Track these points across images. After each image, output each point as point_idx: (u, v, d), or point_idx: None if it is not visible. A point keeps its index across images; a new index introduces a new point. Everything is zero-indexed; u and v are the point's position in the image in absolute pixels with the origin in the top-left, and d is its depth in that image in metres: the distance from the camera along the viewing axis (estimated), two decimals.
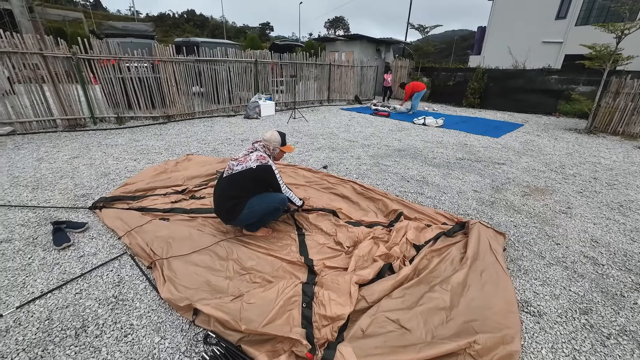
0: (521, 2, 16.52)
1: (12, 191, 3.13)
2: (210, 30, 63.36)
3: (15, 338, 1.50)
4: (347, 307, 1.60)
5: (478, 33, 23.11)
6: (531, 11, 16.26)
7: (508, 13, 17.15)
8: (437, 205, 3.11)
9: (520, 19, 16.65)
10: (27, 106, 5.47)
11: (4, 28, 20.65)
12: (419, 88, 9.55)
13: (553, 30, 15.95)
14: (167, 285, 1.82)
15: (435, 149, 5.32)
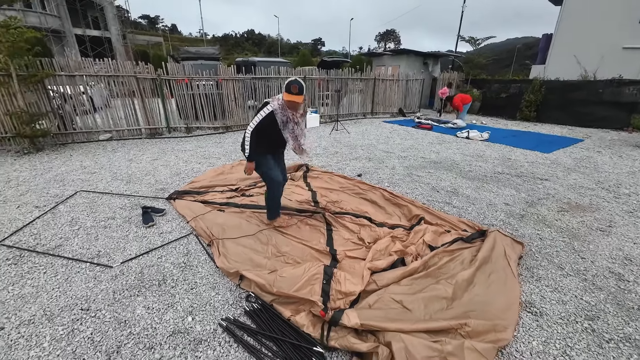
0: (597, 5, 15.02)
1: (112, 183, 4.06)
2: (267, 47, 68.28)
3: (121, 282, 2.13)
4: (358, 285, 1.94)
5: (542, 41, 21.41)
6: (609, 14, 14.67)
7: (580, 18, 15.69)
8: (463, 214, 3.25)
9: (595, 23, 15.10)
10: (122, 117, 6.81)
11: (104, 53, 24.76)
12: (466, 100, 9.41)
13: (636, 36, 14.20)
14: (221, 258, 2.35)
15: (474, 162, 5.31)
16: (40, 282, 2.12)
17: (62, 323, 1.78)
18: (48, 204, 3.37)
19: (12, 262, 2.34)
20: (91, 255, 2.45)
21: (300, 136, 2.56)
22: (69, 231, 2.81)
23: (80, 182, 4.09)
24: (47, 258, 2.39)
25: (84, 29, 26.05)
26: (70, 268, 2.28)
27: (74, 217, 3.08)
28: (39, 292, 2.02)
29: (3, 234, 2.73)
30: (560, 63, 14.98)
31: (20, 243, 2.60)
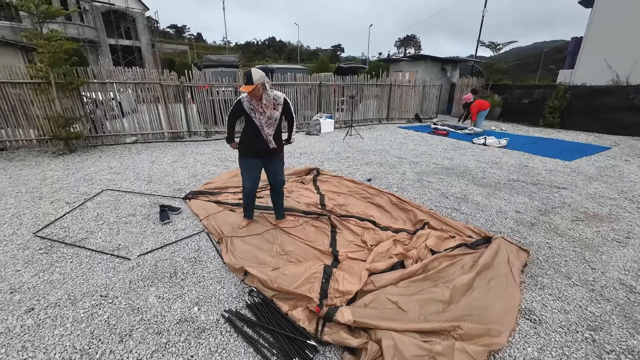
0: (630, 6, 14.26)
1: (135, 183, 4.35)
2: (287, 54, 69.71)
3: (137, 273, 2.31)
4: (355, 285, 2.00)
5: (571, 45, 20.52)
6: None
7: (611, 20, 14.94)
8: (470, 221, 3.22)
9: (627, 26, 14.33)
10: (146, 122, 7.23)
11: (134, 61, 26.27)
12: (484, 107, 9.24)
13: None
14: (228, 254, 2.48)
15: (488, 169, 5.21)
16: (66, 270, 2.34)
17: (84, 307, 1.96)
18: (77, 201, 3.67)
19: (44, 251, 2.58)
20: (112, 248, 2.65)
21: (265, 126, 2.59)
22: (94, 226, 3.05)
23: (107, 181, 4.40)
24: (74, 249, 2.62)
25: (117, 39, 27.79)
26: (93, 259, 2.49)
27: (99, 213, 3.33)
28: (65, 279, 2.23)
29: (37, 226, 3.02)
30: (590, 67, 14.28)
31: (51, 235, 2.86)
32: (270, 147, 2.69)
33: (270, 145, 2.69)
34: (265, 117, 2.57)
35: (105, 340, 1.71)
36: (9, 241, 2.74)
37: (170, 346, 1.67)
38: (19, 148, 6.13)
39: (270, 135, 2.65)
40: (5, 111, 5.81)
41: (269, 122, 2.59)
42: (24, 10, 5.16)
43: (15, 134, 6.05)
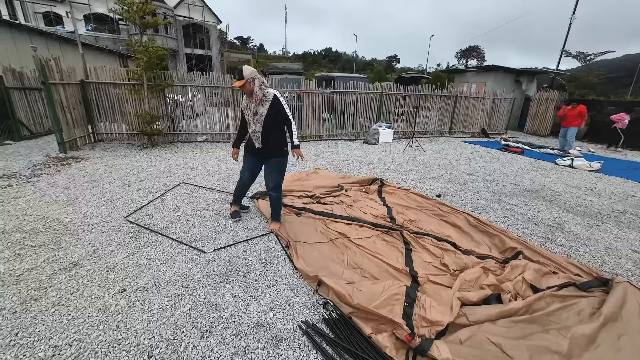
0: None
1: (206, 179, 4.60)
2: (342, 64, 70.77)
3: (213, 267, 2.35)
4: (446, 316, 1.75)
5: None
6: None
7: None
8: (572, 256, 2.73)
9: None
10: (216, 123, 7.76)
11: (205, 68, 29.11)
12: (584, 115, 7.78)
13: None
14: (300, 260, 2.41)
15: (582, 195, 4.47)
16: (152, 255, 2.48)
17: (167, 295, 2.03)
18: (158, 191, 3.98)
19: (132, 235, 2.80)
20: (189, 239, 2.77)
21: (252, 122, 2.65)
22: (174, 216, 3.25)
23: (182, 175, 4.74)
24: (157, 236, 2.80)
25: (192, 48, 30.92)
26: (174, 248, 2.62)
27: (177, 205, 3.56)
28: (150, 265, 2.36)
29: (127, 211, 3.31)
30: None
31: (138, 220, 3.10)
32: (256, 146, 2.71)
33: (256, 144, 2.70)
34: (251, 112, 2.60)
35: (187, 333, 1.72)
36: (106, 222, 3.03)
37: (249, 351, 1.62)
38: (113, 140, 6.99)
39: (257, 132, 2.65)
40: (106, 108, 6.69)
41: (254, 118, 2.62)
42: (130, 20, 5.92)
43: (112, 127, 6.93)
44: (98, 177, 4.45)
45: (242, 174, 3.01)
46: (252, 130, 2.69)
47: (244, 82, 2.51)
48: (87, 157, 5.52)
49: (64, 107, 5.74)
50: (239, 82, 2.52)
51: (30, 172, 4.52)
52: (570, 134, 7.85)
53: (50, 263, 2.32)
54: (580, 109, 7.51)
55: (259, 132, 2.68)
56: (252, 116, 2.65)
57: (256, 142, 2.72)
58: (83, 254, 2.46)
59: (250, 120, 2.67)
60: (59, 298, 1.96)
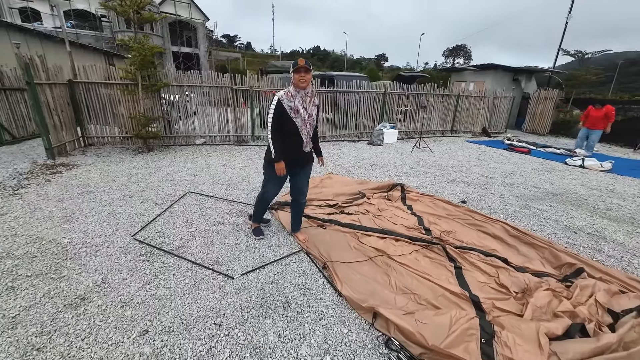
0: None
1: (214, 187, 4.25)
2: (331, 62, 70.42)
3: (245, 297, 2.04)
4: (537, 356, 1.51)
5: None
6: None
7: None
8: (627, 269, 2.55)
9: None
10: (215, 124, 7.35)
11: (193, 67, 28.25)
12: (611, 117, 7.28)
13: None
14: (344, 286, 2.13)
15: (607, 198, 4.36)
16: (171, 284, 2.15)
17: (199, 337, 1.71)
18: (164, 202, 3.61)
19: (144, 258, 2.45)
20: (211, 261, 2.45)
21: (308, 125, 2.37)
22: (187, 233, 2.91)
23: (187, 183, 4.37)
24: (174, 259, 2.46)
25: (179, 46, 30.00)
26: (195, 273, 2.29)
27: (188, 219, 3.21)
28: (172, 296, 2.03)
29: (133, 227, 2.95)
30: None
31: (148, 239, 2.75)
32: (307, 151, 2.47)
33: (308, 148, 2.46)
34: (307, 114, 2.32)
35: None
36: (111, 242, 2.67)
37: None
38: (105, 144, 6.50)
39: (309, 135, 2.43)
40: (96, 109, 6.20)
41: (309, 120, 2.37)
42: (124, 16, 5.46)
43: (103, 131, 6.43)
44: (94, 186, 4.04)
45: (270, 188, 2.60)
46: (305, 133, 2.40)
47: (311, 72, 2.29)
48: (78, 164, 5.06)
49: (50, 109, 5.24)
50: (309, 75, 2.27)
51: (16, 182, 4.06)
52: (595, 137, 7.47)
53: (52, 298, 1.97)
54: (607, 110, 7.18)
55: (310, 135, 2.45)
56: (308, 117, 2.37)
57: (307, 146, 2.46)
58: (90, 285, 2.10)
59: (304, 123, 2.36)
60: (68, 347, 1.61)
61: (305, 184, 2.67)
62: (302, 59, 2.25)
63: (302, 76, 2.24)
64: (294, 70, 2.25)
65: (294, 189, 2.68)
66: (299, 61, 2.23)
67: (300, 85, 2.27)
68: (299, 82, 2.25)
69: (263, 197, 2.68)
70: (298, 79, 2.25)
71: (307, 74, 2.25)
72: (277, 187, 2.60)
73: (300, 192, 2.67)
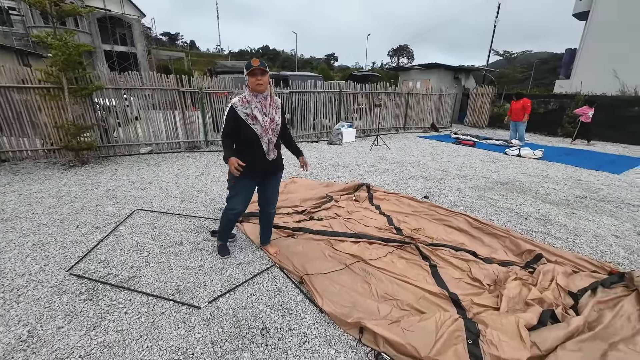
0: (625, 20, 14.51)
1: (167, 201, 3.82)
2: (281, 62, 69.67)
3: (217, 329, 1.80)
4: (522, 351, 1.54)
5: (567, 56, 21.01)
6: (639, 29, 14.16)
7: (607, 33, 15.21)
8: (574, 249, 2.82)
9: (624, 38, 14.58)
10: (162, 131, 6.69)
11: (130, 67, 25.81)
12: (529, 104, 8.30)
13: None
14: (325, 301, 2.00)
15: (544, 183, 4.87)
16: (123, 325, 1.81)
17: None
18: (107, 224, 3.13)
19: (86, 297, 2.05)
20: (171, 290, 2.14)
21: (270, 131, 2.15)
22: (139, 259, 2.52)
23: (133, 199, 3.86)
24: (124, 293, 2.10)
25: (112, 45, 27.13)
26: (152, 307, 1.97)
27: (138, 242, 2.80)
28: (125, 341, 1.71)
29: (69, 260, 2.47)
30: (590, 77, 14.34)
31: (90, 272, 2.32)
32: (270, 159, 2.22)
33: (272, 156, 2.22)
34: (268, 119, 2.13)
35: None
36: (38, 282, 2.19)
37: None
38: (24, 159, 5.50)
39: (272, 142, 2.20)
40: (9, 118, 5.21)
41: (271, 126, 2.16)
42: (38, 8, 4.64)
43: (20, 143, 5.43)
44: (11, 213, 3.35)
45: (236, 204, 2.34)
46: (266, 141, 2.17)
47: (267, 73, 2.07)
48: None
49: None
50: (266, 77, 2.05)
51: None
52: (522, 128, 8.40)
53: None
54: (524, 102, 8.24)
55: (273, 142, 2.22)
56: (269, 123, 2.14)
57: (270, 154, 2.22)
58: (12, 342, 1.68)
59: (264, 130, 2.13)
60: None
61: (274, 194, 2.48)
62: (257, 59, 2.04)
63: (259, 79, 2.03)
64: (248, 72, 2.02)
65: (262, 199, 2.48)
66: (252, 62, 2.02)
67: (257, 89, 2.06)
68: (256, 86, 2.05)
69: (228, 214, 2.41)
70: (254, 83, 2.04)
71: (264, 76, 2.05)
72: (242, 203, 2.36)
73: (268, 202, 2.48)
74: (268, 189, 2.42)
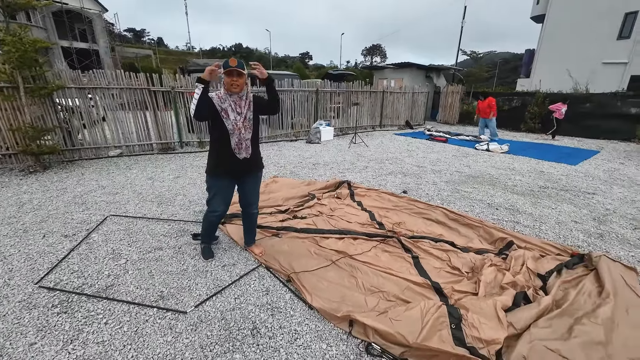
0: (575, 24, 15.81)
1: (143, 205, 3.66)
2: (254, 60, 68.36)
3: (205, 333, 1.77)
4: (500, 331, 1.66)
5: (526, 56, 22.48)
6: (588, 32, 15.48)
7: (561, 35, 16.50)
8: (540, 235, 3.05)
9: (575, 40, 15.90)
10: (132, 132, 6.37)
11: (92, 65, 24.04)
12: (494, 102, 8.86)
13: (615, 51, 14.98)
14: (314, 297, 2.02)
15: (512, 176, 5.20)
16: (104, 336, 1.73)
17: None
18: (77, 232, 2.94)
19: (60, 310, 1.93)
20: (154, 297, 2.06)
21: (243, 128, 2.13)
22: (116, 267, 2.40)
23: (105, 204, 3.66)
24: (102, 303, 1.99)
25: (71, 41, 25.34)
26: (135, 316, 1.89)
27: (114, 249, 2.67)
28: (108, 352, 1.63)
29: (37, 272, 2.31)
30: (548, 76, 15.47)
31: (62, 284, 2.18)
32: (241, 158, 2.19)
33: (244, 154, 2.18)
34: (241, 117, 2.13)
35: None
36: (3, 297, 2.03)
37: None
38: None
39: (247, 140, 2.18)
40: None
41: (244, 124, 2.14)
42: None
43: None
44: None
45: (217, 206, 2.31)
46: (240, 139, 2.14)
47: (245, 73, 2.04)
48: None
49: None
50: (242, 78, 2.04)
51: None
52: (492, 124, 8.86)
53: None
54: (489, 101, 8.76)
55: (248, 139, 2.19)
56: (243, 121, 2.12)
57: (244, 152, 2.19)
58: None
59: (236, 127, 2.10)
60: None
61: (254, 194, 2.46)
62: (234, 59, 2.00)
63: (234, 80, 2.02)
64: (224, 72, 2.00)
65: (242, 200, 2.46)
66: (230, 61, 1.99)
67: (232, 89, 2.05)
68: (230, 87, 2.04)
69: (209, 216, 2.38)
70: (229, 83, 2.03)
71: (240, 78, 2.04)
72: (223, 204, 2.33)
73: (249, 202, 2.46)
74: (247, 189, 2.39)
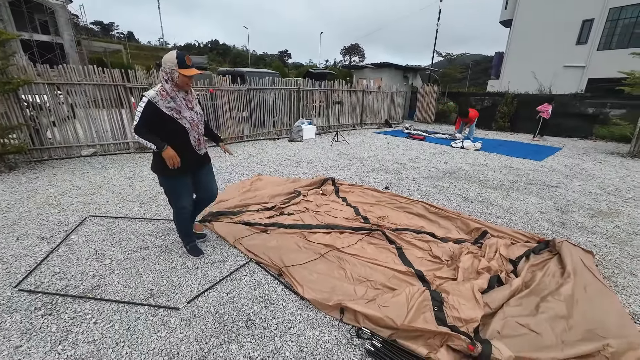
0: (540, 29, 16.92)
1: (124, 205, 3.56)
2: (232, 58, 67.03)
3: (200, 327, 1.80)
4: (477, 310, 1.82)
5: (496, 58, 23.67)
6: (550, 37, 16.62)
7: (527, 39, 17.57)
8: (511, 225, 3.30)
9: (540, 44, 17.01)
10: (107, 130, 6.12)
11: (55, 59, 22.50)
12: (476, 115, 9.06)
13: (574, 55, 16.18)
14: (306, 289, 2.10)
15: (484, 171, 5.52)
16: (95, 335, 1.71)
17: None
18: (55, 234, 2.83)
19: (44, 312, 1.87)
20: (143, 295, 2.05)
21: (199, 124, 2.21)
22: (100, 267, 2.35)
23: (82, 205, 3.53)
24: (90, 303, 1.96)
25: (31, 33, 23.62)
26: (125, 314, 1.88)
27: (97, 249, 2.60)
28: (100, 350, 1.62)
29: (14, 276, 2.21)
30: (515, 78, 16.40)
31: (43, 286, 2.11)
32: (202, 154, 2.30)
33: (203, 150, 2.30)
34: (195, 113, 2.18)
35: None
36: None
37: None
38: None
39: (201, 135, 2.28)
40: None
41: (198, 119, 2.21)
42: None
43: None
44: None
45: (185, 203, 2.31)
46: (199, 134, 2.22)
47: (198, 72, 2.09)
48: None
49: None
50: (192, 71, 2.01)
51: None
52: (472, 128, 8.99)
53: None
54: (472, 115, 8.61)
55: (203, 133, 2.30)
56: (196, 116, 2.19)
57: (203, 147, 2.30)
58: None
59: (193, 124, 2.15)
60: None
61: (212, 182, 2.48)
62: (190, 58, 2.02)
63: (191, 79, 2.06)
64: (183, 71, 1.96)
65: (202, 189, 2.44)
66: (187, 60, 1.97)
67: (186, 88, 2.09)
68: (185, 85, 2.05)
69: (181, 214, 2.36)
70: (185, 82, 2.02)
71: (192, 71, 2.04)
72: (189, 199, 2.35)
73: (208, 191, 2.47)
74: (205, 177, 2.41)
